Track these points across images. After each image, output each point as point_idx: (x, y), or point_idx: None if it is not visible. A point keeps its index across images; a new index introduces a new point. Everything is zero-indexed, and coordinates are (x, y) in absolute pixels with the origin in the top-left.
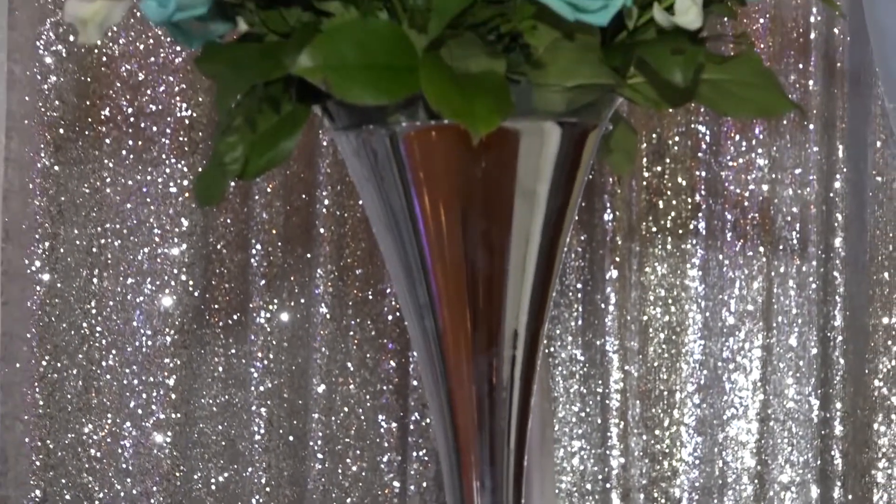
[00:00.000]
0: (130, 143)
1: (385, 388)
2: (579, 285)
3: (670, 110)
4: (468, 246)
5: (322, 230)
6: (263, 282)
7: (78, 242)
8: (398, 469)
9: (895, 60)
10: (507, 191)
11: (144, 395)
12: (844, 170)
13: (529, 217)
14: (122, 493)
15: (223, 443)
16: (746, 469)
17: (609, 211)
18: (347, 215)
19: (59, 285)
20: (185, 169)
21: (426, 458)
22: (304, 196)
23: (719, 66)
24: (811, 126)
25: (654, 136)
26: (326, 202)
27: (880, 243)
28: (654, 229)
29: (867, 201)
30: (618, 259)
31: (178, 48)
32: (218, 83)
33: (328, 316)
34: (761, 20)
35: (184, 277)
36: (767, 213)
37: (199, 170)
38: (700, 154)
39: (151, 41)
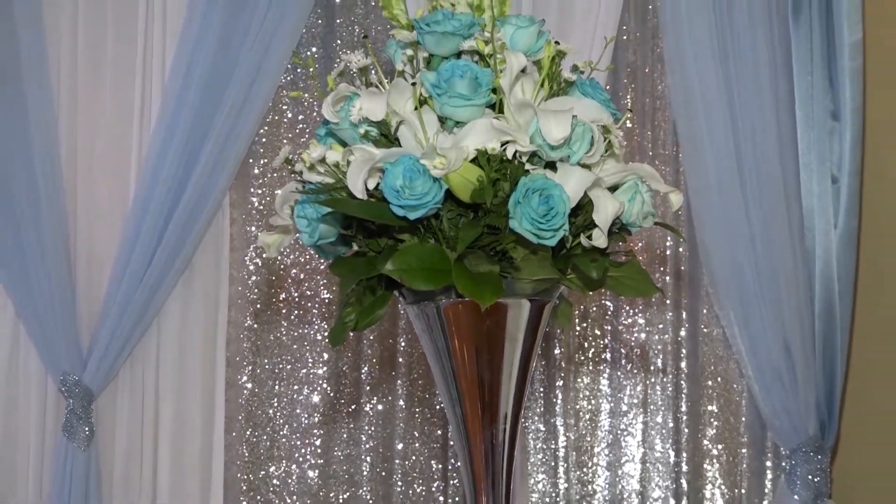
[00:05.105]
0: (296, 311)
1: (435, 445)
2: (541, 389)
3: (590, 293)
4: (479, 367)
5: (400, 359)
6: (368, 387)
7: (267, 367)
8: (442, 491)
9: (715, 264)
10: (501, 337)
11: (303, 449)
12: (686, 325)
13: (513, 351)
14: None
15: (351, 471)
16: (633, 490)
17: (557, 347)
18: (414, 351)
19: (256, 390)
20: (325, 326)
21: (456, 485)
22: (390, 340)
23: (617, 269)
24: (668, 301)
25: (581, 307)
26: (403, 344)
27: (706, 365)
28: (583, 358)
29: (699, 343)
30: (562, 375)
31: (321, 260)
32: (341, 279)
33: (403, 406)
34: (640, 244)
35: (325, 385)
36: (644, 349)
37: (332, 326)
38: (607, 317)
39: (307, 255)
